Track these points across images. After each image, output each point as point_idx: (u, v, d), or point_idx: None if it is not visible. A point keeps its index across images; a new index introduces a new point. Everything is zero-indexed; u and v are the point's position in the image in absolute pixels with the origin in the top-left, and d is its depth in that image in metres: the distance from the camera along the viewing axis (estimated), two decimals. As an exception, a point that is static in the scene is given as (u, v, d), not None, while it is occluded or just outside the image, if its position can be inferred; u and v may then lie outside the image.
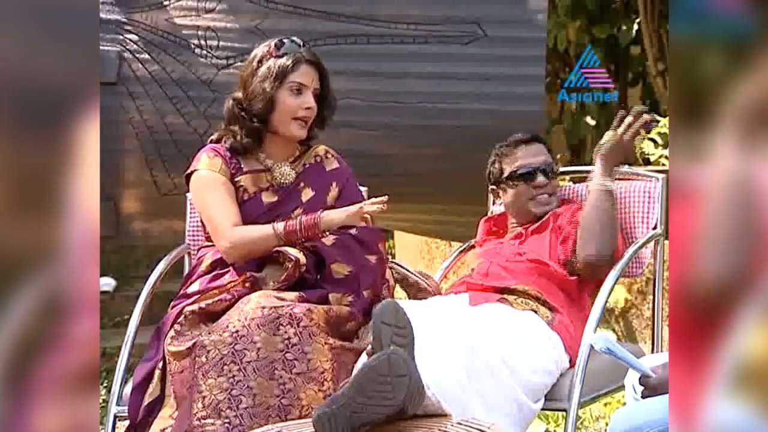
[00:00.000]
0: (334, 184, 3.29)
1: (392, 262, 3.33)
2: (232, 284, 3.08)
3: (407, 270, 3.34)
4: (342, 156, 3.37)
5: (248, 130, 3.22)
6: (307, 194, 3.25)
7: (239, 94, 3.24)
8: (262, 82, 3.18)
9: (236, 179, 3.22)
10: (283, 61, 3.19)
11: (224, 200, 3.18)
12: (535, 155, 3.51)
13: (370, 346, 2.58)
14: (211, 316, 3.02)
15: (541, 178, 3.49)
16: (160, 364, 3.02)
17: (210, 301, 3.03)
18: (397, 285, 3.30)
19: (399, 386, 2.42)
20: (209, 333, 2.93)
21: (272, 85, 3.17)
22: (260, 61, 3.21)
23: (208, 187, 3.20)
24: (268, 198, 3.22)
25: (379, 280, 3.19)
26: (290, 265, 3.07)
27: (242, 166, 3.24)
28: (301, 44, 3.24)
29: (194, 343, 2.93)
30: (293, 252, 3.08)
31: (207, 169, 3.21)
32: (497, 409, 2.87)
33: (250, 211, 3.20)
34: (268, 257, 3.13)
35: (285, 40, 3.23)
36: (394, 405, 2.42)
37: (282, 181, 3.24)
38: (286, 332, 2.91)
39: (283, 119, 3.21)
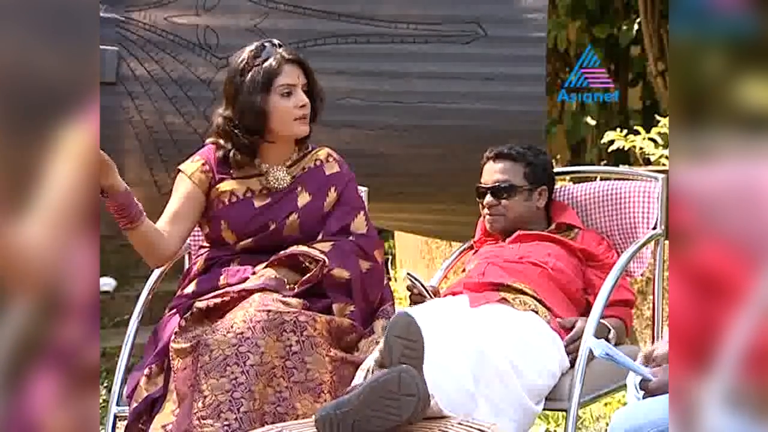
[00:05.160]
0: (332, 189, 3.24)
1: (408, 275, 3.34)
2: (228, 285, 3.08)
3: (419, 282, 3.32)
4: (343, 157, 3.35)
5: (242, 147, 3.18)
6: (304, 199, 3.21)
7: (228, 112, 3.18)
8: (250, 95, 3.12)
9: (218, 186, 3.20)
10: (265, 67, 3.13)
11: (172, 206, 3.20)
12: (495, 173, 3.50)
13: (378, 354, 2.58)
14: (215, 313, 3.02)
15: (488, 199, 3.50)
16: (146, 371, 3.03)
17: (219, 301, 3.03)
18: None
19: (406, 405, 2.43)
20: (213, 332, 2.93)
21: (261, 95, 3.12)
22: (242, 74, 3.14)
23: (175, 189, 3.24)
24: (260, 201, 3.20)
25: (376, 289, 3.18)
26: (315, 267, 3.06)
27: (233, 171, 3.22)
28: (278, 45, 3.18)
29: (198, 342, 2.93)
30: (318, 253, 3.08)
31: (184, 171, 3.23)
32: (504, 415, 2.88)
33: (240, 215, 3.18)
34: (284, 258, 3.12)
35: (262, 46, 3.16)
36: (399, 422, 2.44)
37: (276, 186, 3.21)
38: (288, 339, 2.91)
39: (282, 124, 3.17)
